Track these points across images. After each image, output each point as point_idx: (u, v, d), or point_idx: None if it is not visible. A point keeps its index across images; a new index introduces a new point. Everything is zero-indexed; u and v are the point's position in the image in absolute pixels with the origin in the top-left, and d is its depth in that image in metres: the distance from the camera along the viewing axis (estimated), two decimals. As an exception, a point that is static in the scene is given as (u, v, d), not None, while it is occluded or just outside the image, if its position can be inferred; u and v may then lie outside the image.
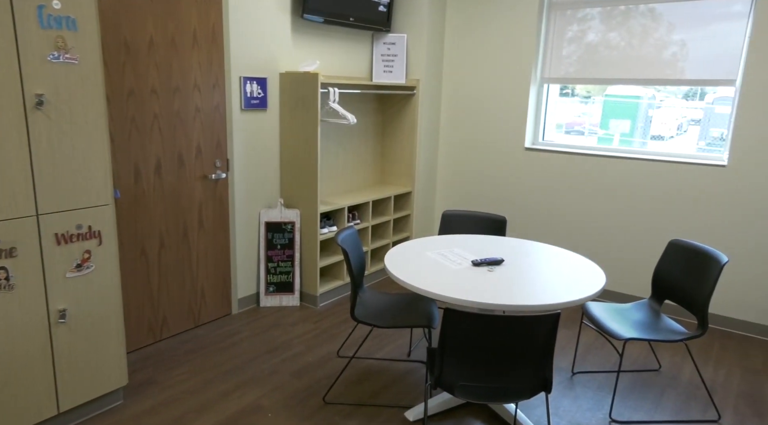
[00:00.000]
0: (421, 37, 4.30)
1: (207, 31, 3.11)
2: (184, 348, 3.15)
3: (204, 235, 3.34)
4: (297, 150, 3.65)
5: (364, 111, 4.40)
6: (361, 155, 4.45)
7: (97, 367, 2.39)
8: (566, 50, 4.04)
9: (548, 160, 4.16)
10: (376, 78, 4.35)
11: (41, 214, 2.10)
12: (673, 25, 3.59)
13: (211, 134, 3.25)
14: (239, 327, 3.45)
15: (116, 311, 2.41)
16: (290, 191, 3.77)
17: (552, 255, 2.71)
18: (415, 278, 2.30)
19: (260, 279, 3.75)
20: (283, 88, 3.62)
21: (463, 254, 2.65)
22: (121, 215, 2.87)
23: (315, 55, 3.87)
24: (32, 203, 2.07)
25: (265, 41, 3.47)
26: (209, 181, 3.30)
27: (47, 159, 2.08)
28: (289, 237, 3.76)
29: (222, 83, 3.25)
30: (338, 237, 2.55)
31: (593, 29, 3.89)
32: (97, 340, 2.37)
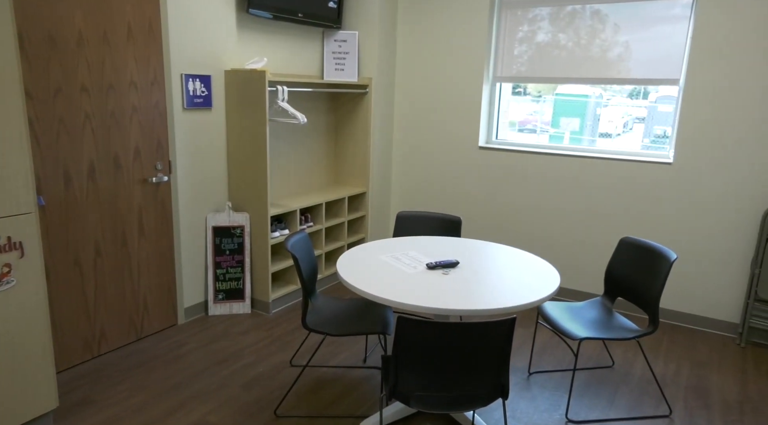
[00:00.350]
0: (372, 34, 4.22)
1: (143, 25, 2.91)
2: (125, 363, 2.95)
3: (145, 242, 3.14)
4: (245, 151, 3.49)
5: (317, 110, 4.27)
6: (313, 155, 4.32)
7: (21, 391, 2.18)
8: (517, 50, 4.04)
9: (502, 158, 4.16)
10: (327, 76, 4.24)
11: (-49, 225, 1.89)
12: (618, 26, 3.64)
13: (151, 135, 3.06)
14: (186, 338, 3.27)
15: (42, 330, 2.21)
16: (239, 194, 3.60)
17: (507, 256, 2.68)
18: (368, 284, 2.22)
19: (208, 287, 3.58)
20: (229, 87, 3.46)
21: (417, 257, 2.58)
22: (49, 223, 2.65)
23: (263, 53, 3.72)
24: (-61, 213, 1.86)
25: (208, 37, 3.29)
26: (150, 184, 3.11)
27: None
28: (239, 242, 3.59)
29: (161, 81, 3.06)
30: (287, 243, 2.43)
31: (543, 29, 3.91)
32: (21, 361, 2.16)
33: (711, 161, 3.42)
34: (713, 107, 3.36)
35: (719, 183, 3.42)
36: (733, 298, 3.50)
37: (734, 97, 3.29)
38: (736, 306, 3.50)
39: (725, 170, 3.39)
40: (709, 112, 3.38)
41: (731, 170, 3.37)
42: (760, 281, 3.26)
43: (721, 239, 3.47)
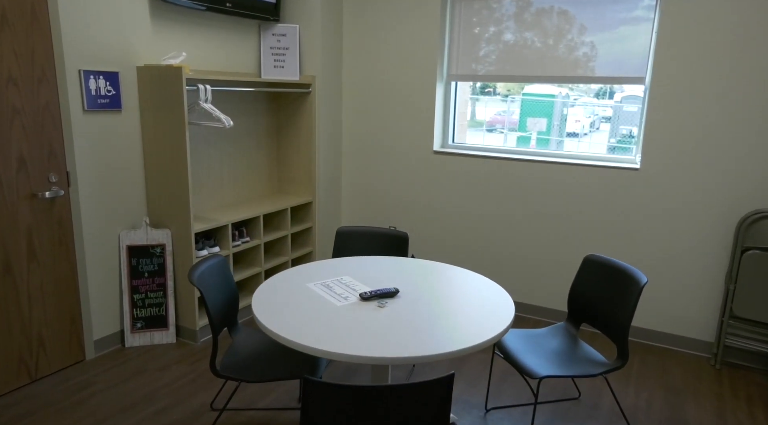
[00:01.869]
0: (315, 28, 3.81)
1: (23, 9, 2.44)
2: (4, 416, 2.47)
3: (38, 268, 2.66)
4: (164, 159, 3.04)
5: (255, 112, 3.84)
6: (252, 162, 3.89)
7: None
8: (473, 45, 3.70)
9: (458, 164, 3.81)
10: (265, 74, 3.81)
11: None
12: (584, 26, 3.33)
13: (40, 142, 2.59)
14: (93, 377, 2.80)
15: None
16: (159, 208, 3.15)
17: (455, 280, 2.32)
18: (284, 323, 1.81)
19: (125, 314, 3.11)
20: (142, 85, 3.00)
21: (352, 284, 2.19)
22: None
23: (187, 47, 3.27)
24: None
25: (113, 27, 2.83)
26: (41, 200, 2.63)
27: None
28: (159, 262, 3.14)
29: (52, 78, 2.59)
30: (192, 274, 2.01)
31: (502, 23, 3.58)
32: None
33: (680, 167, 3.14)
34: (680, 108, 3.08)
35: (689, 190, 3.14)
36: (707, 315, 3.22)
37: (702, 97, 3.01)
38: (711, 324, 3.22)
39: (695, 176, 3.11)
40: (676, 113, 3.10)
41: (702, 176, 3.09)
42: (735, 297, 2.98)
43: (694, 251, 3.19)
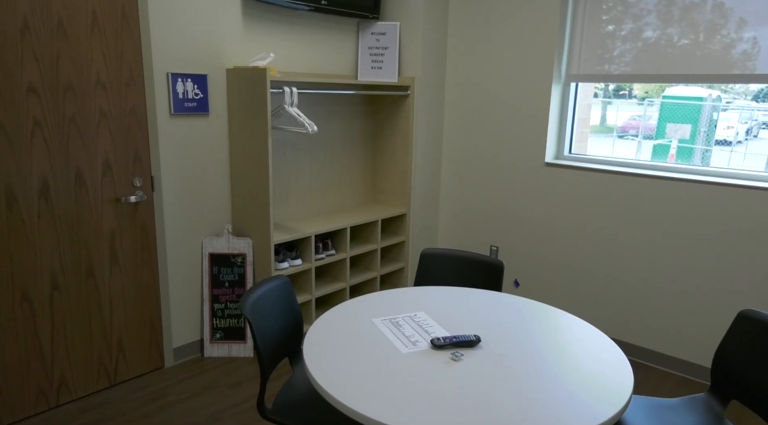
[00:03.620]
0: (417, 25, 3.49)
1: (113, 12, 2.41)
2: (79, 420, 2.45)
3: (120, 272, 2.64)
4: (248, 165, 2.91)
5: (350, 116, 3.62)
6: (344, 169, 3.67)
7: None
8: (602, 43, 3.13)
9: (574, 179, 3.25)
10: (362, 76, 3.57)
11: None
12: (744, 19, 2.63)
13: (126, 146, 2.55)
14: (167, 387, 2.73)
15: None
16: (241, 216, 3.03)
17: (555, 329, 1.84)
18: (336, 374, 1.50)
19: (204, 324, 3.03)
20: (231, 88, 2.89)
21: (426, 324, 1.82)
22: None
23: (281, 48, 3.12)
24: None
25: (205, 28, 2.75)
26: (125, 205, 2.60)
27: None
28: (240, 273, 3.01)
29: (140, 81, 2.55)
30: (245, 304, 1.77)
31: (641, 19, 2.98)
32: None
33: None
34: None
35: None
36: None
37: None
38: None
39: None
40: None
41: None
42: None
43: None
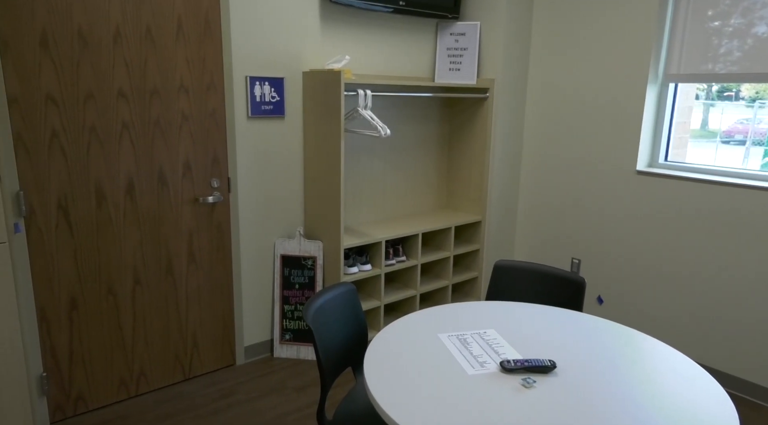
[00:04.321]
0: (498, 25, 3.34)
1: (197, 19, 2.49)
2: (153, 413, 2.54)
3: (196, 270, 2.72)
4: (320, 168, 2.91)
5: (426, 119, 3.53)
6: (418, 174, 3.59)
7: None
8: (703, 37, 2.83)
9: (670, 189, 2.96)
10: (439, 78, 3.47)
11: None
12: None
13: (205, 148, 2.63)
14: (237, 385, 2.79)
15: (17, 382, 1.84)
16: (313, 219, 3.03)
17: (643, 359, 1.64)
18: (395, 393, 1.42)
19: (275, 324, 3.07)
20: (306, 91, 2.90)
21: (495, 344, 1.69)
22: (77, 246, 2.34)
23: (358, 51, 3.10)
24: None
25: (282, 32, 2.78)
26: (202, 205, 2.68)
27: None
28: (310, 275, 3.02)
29: (220, 84, 2.62)
30: (308, 311, 1.74)
31: (753, 12, 2.65)
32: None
33: None
34: None
35: None
36: None
37: None
38: None
39: None
40: None
41: None
42: None
43: None
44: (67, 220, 2.30)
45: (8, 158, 2.12)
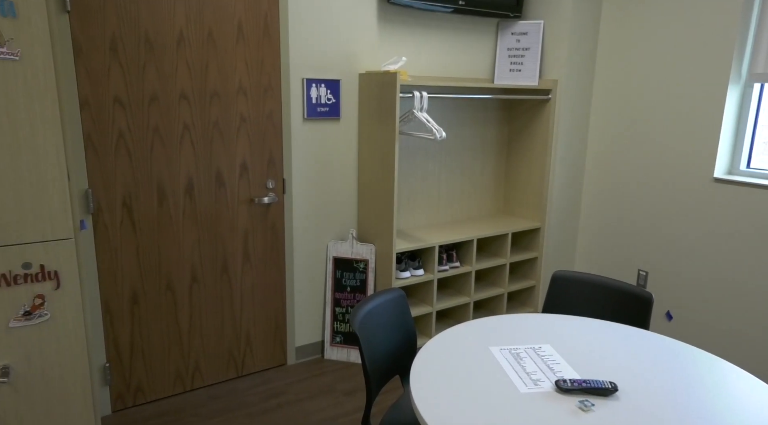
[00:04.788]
0: (563, 23, 3.19)
1: (257, 22, 2.52)
2: (206, 408, 2.60)
3: (250, 270, 2.76)
4: (374, 170, 2.88)
5: (484, 121, 3.43)
6: (475, 178, 3.49)
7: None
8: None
9: (753, 199, 2.71)
10: (498, 79, 3.36)
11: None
12: None
13: (261, 149, 2.66)
14: (287, 386, 2.81)
15: (80, 371, 1.92)
16: (366, 222, 3.01)
17: (716, 383, 1.49)
18: (442, 409, 1.35)
19: (326, 326, 3.07)
20: (362, 93, 2.89)
21: (551, 361, 1.59)
22: (139, 243, 2.43)
23: (415, 52, 3.05)
24: (-41, 234, 1.66)
25: (339, 34, 2.77)
26: (257, 205, 2.72)
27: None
28: (361, 279, 3.00)
29: (277, 87, 2.64)
30: (355, 318, 1.71)
31: None
32: (55, 405, 1.90)
33: None
34: None
35: None
36: None
37: None
38: None
39: None
40: None
41: None
42: None
43: None
44: (131, 217, 2.39)
45: (78, 157, 2.23)
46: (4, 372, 1.79)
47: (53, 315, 1.85)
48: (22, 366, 1.82)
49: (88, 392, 1.95)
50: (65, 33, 2.12)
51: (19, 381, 1.83)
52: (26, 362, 1.83)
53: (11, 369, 1.81)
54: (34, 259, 1.78)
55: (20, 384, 1.83)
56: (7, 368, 1.80)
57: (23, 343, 1.81)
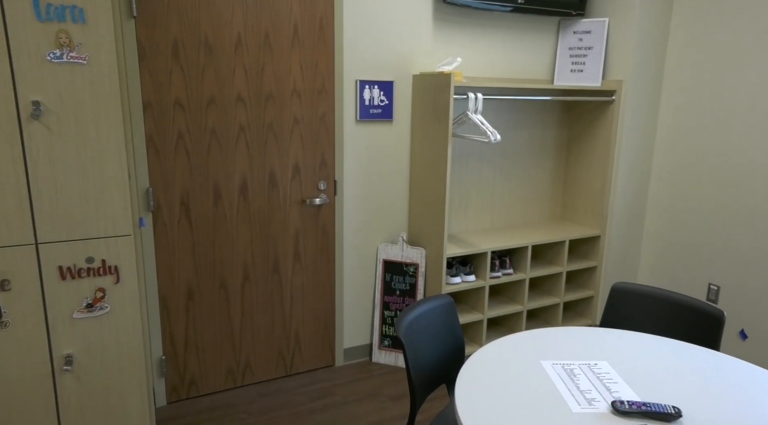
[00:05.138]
0: (629, 21, 3.03)
1: (312, 25, 2.54)
2: (256, 404, 2.65)
3: (301, 270, 2.79)
4: (426, 173, 2.84)
5: (542, 124, 3.32)
6: (531, 182, 3.38)
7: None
8: None
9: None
10: (558, 80, 3.24)
11: (41, 243, 1.78)
12: None
13: (314, 151, 2.68)
14: (334, 387, 2.81)
15: (137, 363, 1.99)
16: (417, 225, 2.97)
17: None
18: (486, 424, 1.30)
19: (374, 329, 3.05)
20: (416, 95, 2.85)
21: (608, 379, 1.50)
22: (195, 241, 2.50)
23: (469, 52, 2.99)
24: (30, 229, 1.76)
25: (394, 35, 2.75)
26: (309, 206, 2.74)
27: (47, 179, 1.75)
28: (411, 283, 2.96)
29: (331, 88, 2.65)
30: (400, 324, 1.68)
31: None
32: (113, 395, 1.98)
33: None
34: None
35: None
36: None
37: None
38: None
39: None
40: None
41: None
42: None
43: None
44: (188, 216, 2.47)
45: (141, 157, 2.32)
46: (68, 361, 1.89)
47: (113, 308, 1.93)
48: (83, 355, 1.91)
49: (144, 383, 2.02)
50: (131, 38, 2.21)
51: (81, 369, 1.92)
52: (87, 352, 1.91)
53: (74, 357, 1.90)
54: (97, 254, 1.86)
55: (82, 372, 1.92)
56: (71, 357, 1.89)
57: (85, 334, 1.90)
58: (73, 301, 1.86)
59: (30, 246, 1.77)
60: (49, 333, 1.85)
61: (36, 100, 1.68)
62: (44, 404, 1.88)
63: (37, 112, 1.67)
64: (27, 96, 1.67)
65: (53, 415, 1.91)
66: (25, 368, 1.83)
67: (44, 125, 1.71)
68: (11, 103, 1.66)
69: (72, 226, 1.81)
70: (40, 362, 1.85)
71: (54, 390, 1.89)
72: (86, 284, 1.87)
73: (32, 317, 1.82)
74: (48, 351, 1.86)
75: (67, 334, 1.87)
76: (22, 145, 1.70)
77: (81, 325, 1.89)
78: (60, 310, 1.85)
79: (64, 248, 1.81)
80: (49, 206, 1.76)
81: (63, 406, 1.92)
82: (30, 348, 1.83)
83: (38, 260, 1.79)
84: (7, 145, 1.68)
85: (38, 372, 1.86)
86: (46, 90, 1.69)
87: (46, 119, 1.71)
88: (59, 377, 1.89)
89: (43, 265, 1.80)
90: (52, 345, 1.86)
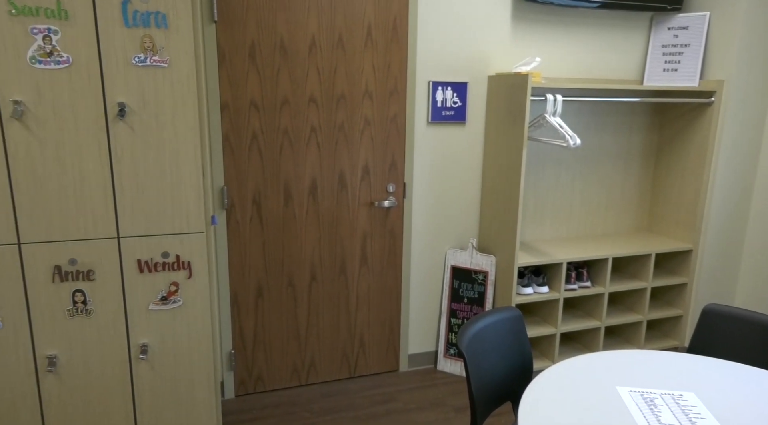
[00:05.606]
0: (734, 15, 2.75)
1: (386, 26, 2.52)
2: (318, 404, 2.66)
3: (367, 272, 2.77)
4: (499, 178, 2.73)
5: (629, 127, 3.09)
6: (615, 190, 3.16)
7: (181, 415, 2.08)
8: None
9: None
10: (648, 80, 3.00)
11: (123, 237, 1.88)
12: None
13: (384, 152, 2.66)
14: (396, 393, 2.77)
15: (206, 356, 2.06)
16: (488, 231, 2.86)
17: None
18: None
19: (440, 336, 2.98)
20: (491, 96, 2.75)
21: (695, 413, 1.34)
22: (265, 239, 2.55)
23: (550, 52, 2.84)
24: (113, 224, 1.86)
25: (469, 36, 2.67)
26: (377, 209, 2.71)
27: (130, 176, 1.84)
28: (480, 291, 2.86)
29: (403, 90, 2.61)
30: (462, 336, 1.60)
31: None
32: (183, 384, 2.06)
33: None
34: None
35: None
36: None
37: None
38: None
39: None
40: None
41: None
42: None
43: None
44: (259, 215, 2.52)
45: (217, 157, 2.40)
46: (144, 350, 1.98)
47: (185, 302, 2.00)
48: (157, 346, 2.00)
49: (211, 375, 2.08)
50: (212, 41, 2.29)
51: (155, 359, 2.01)
52: (161, 343, 2.00)
53: (149, 347, 1.99)
54: (171, 249, 1.94)
55: (155, 361, 2.01)
56: (146, 346, 1.99)
57: (159, 325, 1.98)
58: (150, 293, 1.95)
59: (113, 239, 1.87)
60: (127, 323, 1.95)
61: (121, 102, 1.78)
62: (121, 389, 1.99)
63: (122, 113, 1.76)
64: (114, 98, 1.77)
65: (129, 399, 2.01)
66: (105, 354, 1.94)
67: (128, 125, 1.80)
68: (100, 105, 1.76)
69: (150, 221, 1.89)
70: (118, 349, 1.96)
71: (130, 376, 1.99)
72: (161, 277, 1.95)
73: (113, 307, 1.92)
74: (126, 340, 1.96)
75: (143, 324, 1.97)
76: (108, 144, 1.80)
77: (156, 317, 1.98)
78: (137, 301, 1.94)
79: (143, 242, 1.90)
80: (130, 202, 1.86)
81: (138, 392, 2.01)
82: (110, 335, 1.94)
83: (119, 252, 1.89)
84: (95, 144, 1.79)
85: (117, 359, 1.96)
86: (131, 92, 1.78)
87: (130, 119, 1.80)
88: (135, 364, 1.99)
89: (123, 258, 1.90)
90: (130, 334, 1.96)
